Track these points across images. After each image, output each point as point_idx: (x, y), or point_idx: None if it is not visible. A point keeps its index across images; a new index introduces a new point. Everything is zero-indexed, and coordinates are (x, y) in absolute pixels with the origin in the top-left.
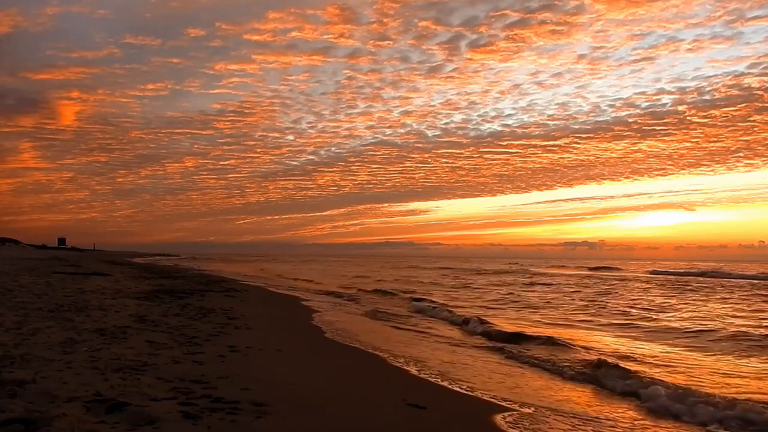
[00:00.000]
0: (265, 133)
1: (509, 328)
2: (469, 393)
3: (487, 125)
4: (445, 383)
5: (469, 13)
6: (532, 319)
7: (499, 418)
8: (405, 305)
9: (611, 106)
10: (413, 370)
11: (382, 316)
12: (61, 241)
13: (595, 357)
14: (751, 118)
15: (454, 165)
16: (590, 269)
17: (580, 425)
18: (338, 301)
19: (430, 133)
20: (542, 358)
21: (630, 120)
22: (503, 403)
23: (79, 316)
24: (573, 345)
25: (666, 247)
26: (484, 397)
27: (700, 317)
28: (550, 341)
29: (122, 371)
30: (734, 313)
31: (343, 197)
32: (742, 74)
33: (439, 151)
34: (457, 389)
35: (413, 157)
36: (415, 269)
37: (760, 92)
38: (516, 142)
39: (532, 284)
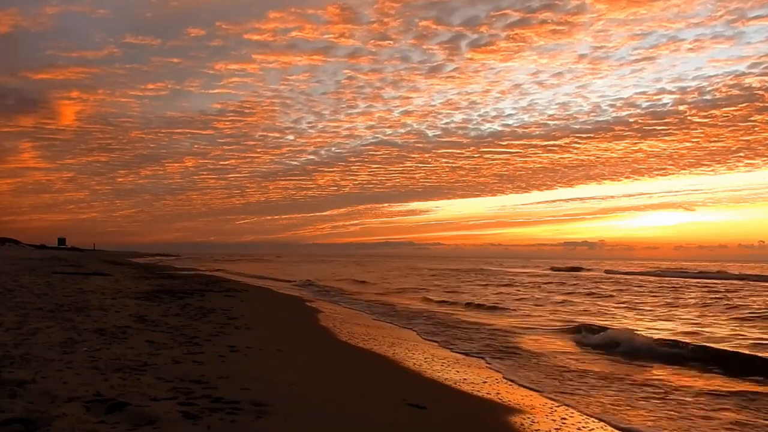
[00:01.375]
0: (265, 133)
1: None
2: (470, 392)
3: (488, 125)
4: (446, 383)
5: (469, 13)
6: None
7: (498, 416)
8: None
9: (612, 105)
10: (411, 367)
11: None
12: (61, 241)
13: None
14: (752, 118)
15: (454, 165)
16: (553, 269)
17: None
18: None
19: (430, 132)
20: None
21: (630, 120)
22: (504, 403)
23: (79, 316)
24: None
25: (666, 247)
26: (485, 397)
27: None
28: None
29: (122, 371)
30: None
31: (343, 197)
32: (743, 74)
33: (440, 151)
34: (458, 389)
35: (413, 157)
36: (377, 267)
37: (761, 92)
38: (516, 141)
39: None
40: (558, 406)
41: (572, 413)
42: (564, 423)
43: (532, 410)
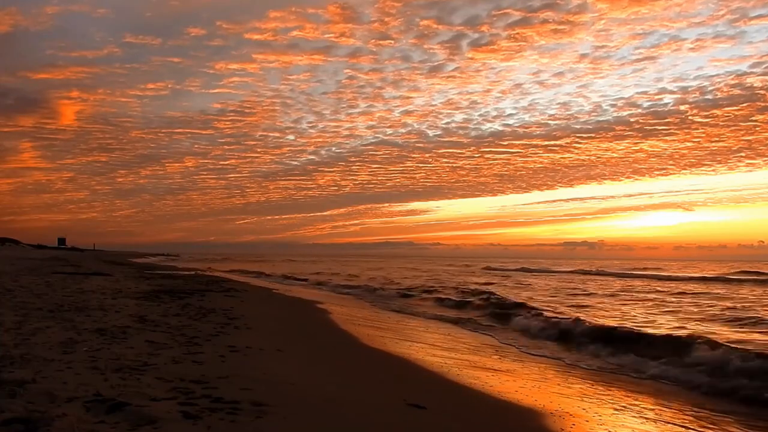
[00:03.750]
0: (265, 133)
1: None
2: (471, 392)
3: (488, 125)
4: (446, 381)
5: (470, 12)
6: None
7: (500, 416)
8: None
9: (613, 105)
10: (410, 365)
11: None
12: (61, 241)
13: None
14: (753, 118)
15: (454, 165)
16: (488, 268)
17: None
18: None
19: (431, 132)
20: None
21: (632, 120)
22: (504, 400)
23: (79, 316)
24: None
25: (666, 247)
26: (486, 397)
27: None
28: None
29: (122, 371)
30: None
31: (343, 197)
32: (745, 74)
33: (440, 151)
34: (459, 388)
35: (414, 157)
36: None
37: (762, 92)
38: (517, 141)
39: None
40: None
41: None
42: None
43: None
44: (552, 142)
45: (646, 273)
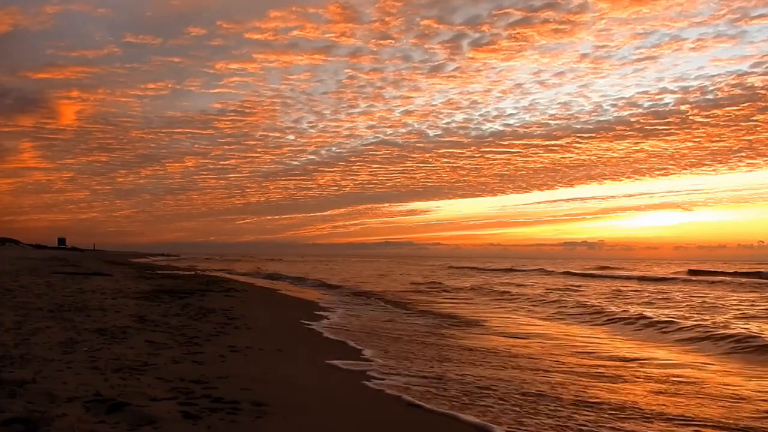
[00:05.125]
0: (265, 133)
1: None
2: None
3: (489, 125)
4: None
5: (471, 12)
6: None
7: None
8: None
9: (613, 105)
10: None
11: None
12: (61, 241)
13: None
14: (754, 118)
15: (455, 165)
16: (451, 267)
17: None
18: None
19: (431, 132)
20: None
21: (632, 119)
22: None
23: (79, 316)
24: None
25: (666, 247)
26: None
27: None
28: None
29: (122, 371)
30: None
31: (343, 197)
32: (746, 73)
33: (440, 151)
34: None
35: (414, 157)
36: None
37: (763, 91)
38: (517, 141)
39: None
40: None
41: None
42: None
43: None
44: (552, 142)
45: (603, 273)
